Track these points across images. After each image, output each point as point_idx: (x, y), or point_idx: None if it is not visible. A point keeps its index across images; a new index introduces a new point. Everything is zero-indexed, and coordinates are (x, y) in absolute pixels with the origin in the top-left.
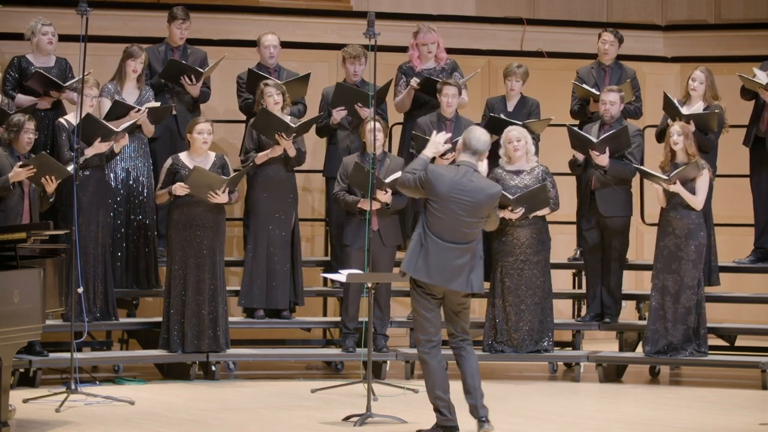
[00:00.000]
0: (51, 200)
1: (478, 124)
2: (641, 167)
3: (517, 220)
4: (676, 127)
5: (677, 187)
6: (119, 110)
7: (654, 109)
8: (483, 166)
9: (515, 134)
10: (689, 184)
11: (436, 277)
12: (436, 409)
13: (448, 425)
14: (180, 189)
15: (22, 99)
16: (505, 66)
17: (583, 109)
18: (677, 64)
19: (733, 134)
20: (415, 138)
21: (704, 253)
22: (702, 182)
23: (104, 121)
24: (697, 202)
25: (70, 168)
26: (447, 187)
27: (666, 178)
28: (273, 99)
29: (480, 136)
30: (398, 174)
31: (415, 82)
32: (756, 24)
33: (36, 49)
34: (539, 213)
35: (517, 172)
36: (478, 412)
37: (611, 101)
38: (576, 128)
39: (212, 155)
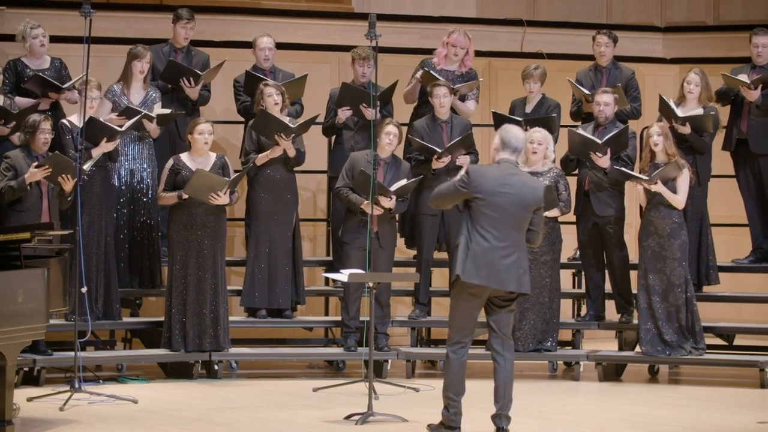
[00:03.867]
0: (69, 199)
1: (479, 125)
2: (623, 169)
3: None
4: (655, 128)
5: (659, 187)
6: (130, 115)
7: (653, 111)
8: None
9: (538, 137)
10: (670, 183)
11: (485, 279)
12: (445, 407)
13: (451, 425)
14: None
15: (21, 101)
16: (523, 68)
17: (581, 110)
18: (676, 65)
19: None
20: (411, 141)
21: (687, 251)
22: (682, 181)
23: (107, 123)
24: (678, 201)
25: (86, 167)
26: (492, 182)
27: (647, 178)
28: (273, 99)
29: (518, 134)
30: (403, 182)
31: (418, 74)
32: (755, 25)
33: (29, 52)
34: (549, 214)
35: (532, 174)
36: (501, 422)
37: (605, 102)
38: (580, 131)
39: (213, 155)
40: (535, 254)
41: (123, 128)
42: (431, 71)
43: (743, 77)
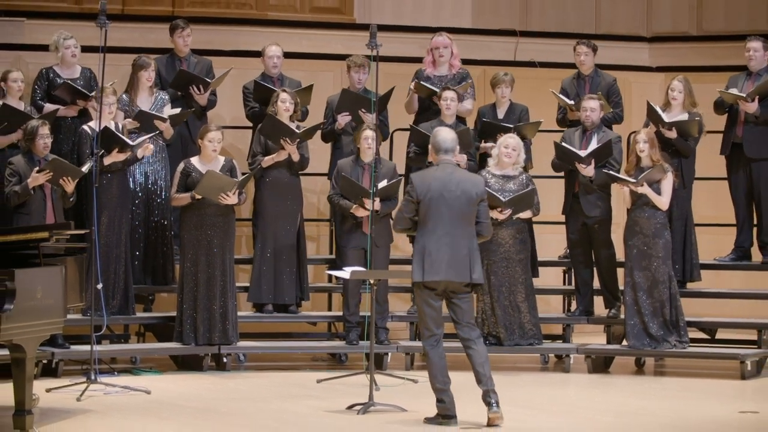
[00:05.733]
0: (72, 199)
1: (473, 130)
2: (611, 173)
3: (503, 221)
4: (642, 135)
5: (645, 189)
6: (144, 119)
7: (640, 117)
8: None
9: (512, 142)
10: (654, 185)
11: (444, 274)
12: (438, 399)
13: (446, 414)
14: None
15: (49, 108)
16: (492, 75)
17: (566, 118)
18: (662, 73)
19: (714, 139)
20: (414, 131)
21: (671, 249)
22: (666, 184)
23: (120, 134)
24: (662, 202)
25: (85, 168)
26: (438, 183)
27: (634, 181)
28: (285, 106)
29: (446, 136)
30: (384, 183)
31: (412, 85)
32: (735, 36)
33: (61, 62)
34: (522, 216)
35: (503, 177)
36: (489, 398)
37: (591, 108)
38: (563, 143)
39: (221, 159)
40: (510, 253)
41: (135, 143)
42: (422, 81)
43: (734, 91)
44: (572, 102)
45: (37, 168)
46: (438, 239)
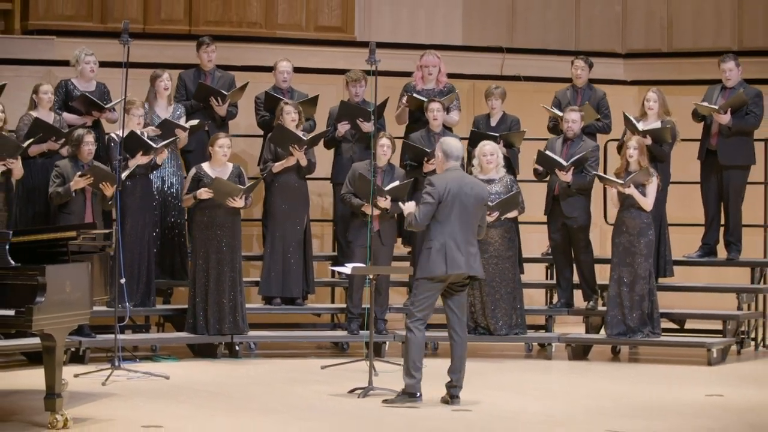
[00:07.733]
0: (111, 202)
1: (465, 138)
2: (600, 174)
3: (492, 222)
4: (633, 142)
5: (631, 190)
6: (166, 127)
7: (616, 126)
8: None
9: (489, 149)
10: (640, 188)
11: (463, 267)
12: (410, 375)
13: (413, 392)
14: (205, 193)
15: (68, 117)
16: (485, 88)
17: (557, 127)
18: (635, 86)
19: (687, 147)
20: (406, 146)
21: (653, 248)
22: (651, 187)
23: (144, 138)
24: (647, 203)
25: (123, 175)
26: (455, 185)
27: (622, 182)
28: (290, 117)
29: (457, 144)
30: (396, 183)
31: (404, 99)
32: (703, 52)
33: (80, 75)
34: (509, 215)
35: (487, 181)
36: (455, 391)
37: (573, 120)
38: (546, 150)
39: (230, 166)
40: (499, 251)
41: (159, 145)
42: (414, 94)
43: (705, 103)
44: (562, 113)
45: (79, 173)
46: (456, 236)
